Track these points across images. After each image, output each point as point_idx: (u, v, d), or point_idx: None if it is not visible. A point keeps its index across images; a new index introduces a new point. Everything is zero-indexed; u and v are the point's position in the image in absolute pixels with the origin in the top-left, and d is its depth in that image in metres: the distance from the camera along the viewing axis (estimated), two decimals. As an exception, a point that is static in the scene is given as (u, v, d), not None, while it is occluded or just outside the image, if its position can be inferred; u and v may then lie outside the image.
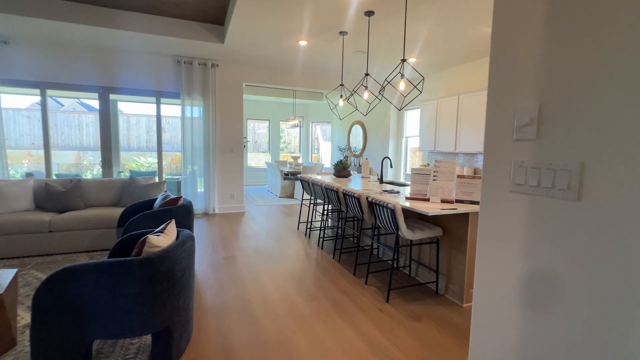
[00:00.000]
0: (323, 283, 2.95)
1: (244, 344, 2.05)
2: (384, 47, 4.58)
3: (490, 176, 1.12)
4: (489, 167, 1.13)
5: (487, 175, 1.13)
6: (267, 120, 10.71)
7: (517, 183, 1.03)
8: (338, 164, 4.86)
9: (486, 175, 1.13)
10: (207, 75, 5.54)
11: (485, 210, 1.14)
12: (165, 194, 3.27)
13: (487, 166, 1.13)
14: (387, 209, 2.59)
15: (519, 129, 1.01)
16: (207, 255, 3.62)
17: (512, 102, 1.04)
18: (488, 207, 1.13)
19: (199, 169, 5.78)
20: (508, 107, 1.05)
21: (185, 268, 1.83)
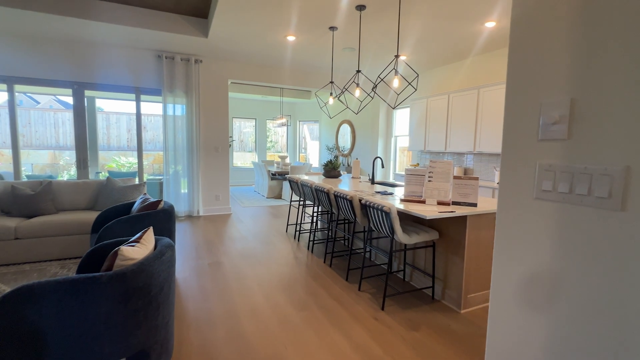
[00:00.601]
0: (314, 290, 2.81)
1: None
2: (374, 44, 4.47)
3: (510, 181, 1.00)
4: (507, 170, 1.00)
5: (505, 179, 1.01)
6: (253, 119, 10.48)
7: (542, 189, 0.90)
8: (328, 164, 4.72)
9: (505, 179, 1.01)
10: (191, 71, 5.30)
11: (503, 219, 1.02)
12: (145, 197, 3.05)
13: (506, 169, 1.01)
14: (382, 212, 2.46)
15: (546, 127, 0.89)
16: (190, 262, 3.42)
17: (537, 97, 0.92)
18: (507, 216, 1.01)
19: (183, 170, 5.53)
20: (531, 102, 0.93)
21: (164, 282, 1.65)
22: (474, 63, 5.06)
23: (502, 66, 4.61)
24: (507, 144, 1.01)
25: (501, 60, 4.62)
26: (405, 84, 6.36)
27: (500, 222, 1.03)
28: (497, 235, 1.04)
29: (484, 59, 4.88)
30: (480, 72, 4.96)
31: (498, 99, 4.36)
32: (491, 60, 4.77)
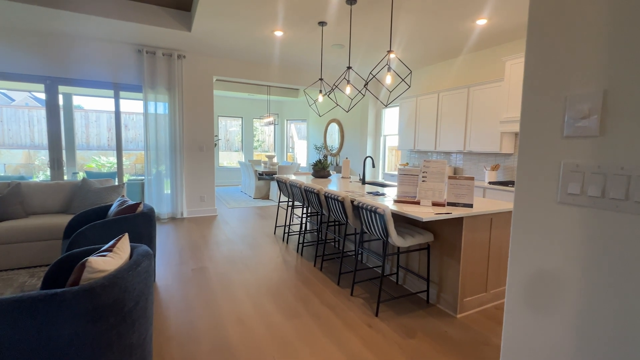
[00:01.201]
0: (305, 296, 2.67)
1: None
2: (364, 40, 4.36)
3: (528, 183, 0.89)
4: (525, 171, 0.90)
5: (522, 181, 0.90)
6: (239, 118, 10.25)
7: (568, 192, 0.80)
8: (317, 163, 4.59)
9: (522, 181, 0.91)
10: (173, 67, 5.07)
11: (520, 226, 0.91)
12: (122, 200, 2.85)
13: (523, 170, 0.90)
14: (375, 213, 2.35)
15: (572, 122, 0.79)
16: (172, 268, 3.23)
17: (561, 89, 0.81)
18: (525, 222, 0.90)
19: (166, 170, 5.29)
20: (555, 95, 0.83)
21: (140, 295, 1.48)
22: (464, 62, 5.03)
23: (493, 65, 4.59)
24: (525, 142, 0.90)
25: (491, 59, 4.60)
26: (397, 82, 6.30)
27: (516, 229, 0.93)
28: (514, 244, 0.94)
29: (474, 58, 4.85)
30: (470, 71, 4.93)
31: (488, 98, 4.33)
32: (481, 59, 4.74)
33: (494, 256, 2.55)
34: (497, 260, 2.58)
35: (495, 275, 2.58)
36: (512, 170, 4.38)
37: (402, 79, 2.50)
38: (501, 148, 4.22)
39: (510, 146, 4.29)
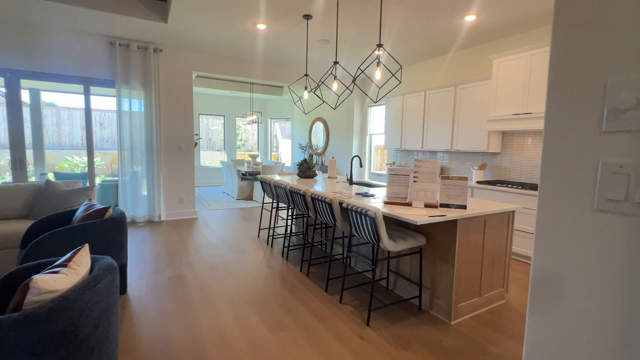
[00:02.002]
0: (291, 305, 2.51)
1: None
2: (351, 36, 4.22)
3: (555, 187, 0.76)
4: (551, 173, 0.77)
5: (548, 185, 0.77)
6: (222, 116, 9.93)
7: (609, 198, 0.67)
8: (302, 163, 4.42)
9: (547, 185, 0.77)
10: (149, 61, 4.78)
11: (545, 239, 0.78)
12: (89, 203, 2.59)
13: (549, 172, 0.77)
14: (366, 216, 2.21)
15: (615, 115, 0.66)
16: (147, 276, 2.99)
17: (600, 74, 0.68)
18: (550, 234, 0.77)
19: (142, 171, 4.99)
20: (591, 81, 0.70)
21: (100, 317, 1.28)
22: (451, 60, 4.98)
23: (480, 63, 4.55)
24: (551, 139, 0.77)
25: (479, 57, 4.56)
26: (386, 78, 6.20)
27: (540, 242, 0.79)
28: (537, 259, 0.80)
29: (461, 56, 4.80)
30: (457, 69, 4.88)
31: (475, 96, 4.28)
32: (469, 57, 4.70)
33: (487, 259, 2.46)
34: (490, 263, 2.49)
35: (488, 279, 2.50)
36: (499, 169, 4.35)
37: (392, 74, 2.37)
38: (489, 147, 4.18)
39: (497, 145, 4.26)
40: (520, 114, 3.68)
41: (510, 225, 2.57)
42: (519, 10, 3.38)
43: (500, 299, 2.61)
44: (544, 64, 3.46)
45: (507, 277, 2.63)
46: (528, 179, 4.03)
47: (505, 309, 2.51)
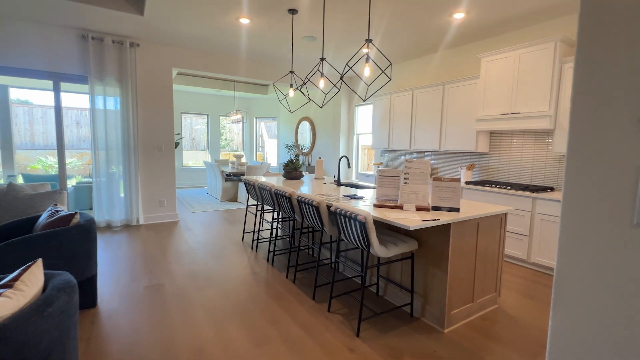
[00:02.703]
0: (276, 315, 2.36)
1: None
2: (337, 32, 4.10)
3: (582, 196, 0.65)
4: (578, 180, 0.65)
5: (573, 194, 0.66)
6: (205, 115, 9.65)
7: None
8: (288, 163, 4.27)
9: (572, 194, 0.66)
10: (125, 56, 4.52)
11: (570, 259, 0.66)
12: (54, 209, 2.37)
13: (575, 179, 0.66)
14: (355, 221, 2.08)
15: (661, 111, 0.55)
16: (121, 286, 2.77)
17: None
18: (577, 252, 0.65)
19: (118, 172, 4.72)
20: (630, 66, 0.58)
21: (50, 347, 1.10)
22: (439, 59, 4.92)
23: (468, 62, 4.51)
24: (577, 140, 0.65)
25: (467, 56, 4.51)
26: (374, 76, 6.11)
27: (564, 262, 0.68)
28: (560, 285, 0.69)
29: (449, 55, 4.75)
30: (445, 68, 4.83)
31: (463, 96, 4.23)
32: (457, 56, 4.65)
33: (480, 263, 2.38)
34: (483, 267, 2.41)
35: (481, 284, 2.42)
36: (487, 169, 4.32)
37: (382, 70, 2.25)
38: (477, 147, 4.14)
39: (485, 145, 4.22)
40: (508, 114, 3.65)
41: (503, 228, 2.50)
42: (507, 8, 3.33)
43: (493, 304, 2.54)
44: (532, 63, 3.43)
45: (499, 281, 2.56)
46: (516, 179, 4.01)
47: (499, 314, 2.44)
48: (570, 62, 3.21)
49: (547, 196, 3.20)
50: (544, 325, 2.29)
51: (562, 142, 3.31)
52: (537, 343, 2.08)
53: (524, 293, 2.80)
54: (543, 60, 3.36)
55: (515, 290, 2.86)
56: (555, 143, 3.37)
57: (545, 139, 3.72)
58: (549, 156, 3.68)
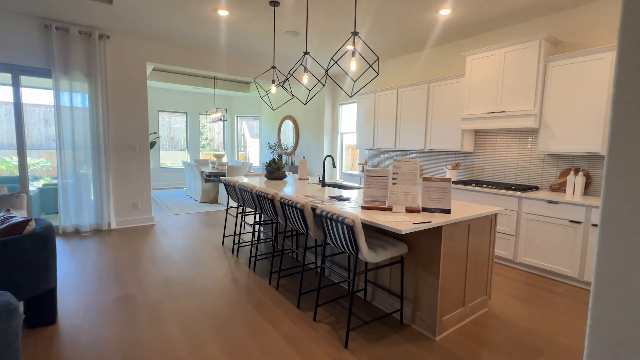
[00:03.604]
0: (259, 327, 2.19)
1: None
2: (321, 27, 3.95)
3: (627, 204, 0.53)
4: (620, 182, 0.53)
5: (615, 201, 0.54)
6: (184, 113, 9.30)
7: None
8: (271, 163, 4.09)
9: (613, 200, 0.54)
10: (94, 49, 4.21)
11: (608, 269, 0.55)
12: (6, 215, 2.11)
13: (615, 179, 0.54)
14: (343, 224, 1.95)
15: None
16: (86, 299, 2.53)
17: None
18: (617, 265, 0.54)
19: (88, 173, 4.41)
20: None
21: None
22: (424, 57, 4.87)
23: (454, 60, 4.47)
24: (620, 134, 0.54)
25: (452, 54, 4.47)
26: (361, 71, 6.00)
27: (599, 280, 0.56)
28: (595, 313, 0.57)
29: (434, 53, 4.70)
30: (430, 67, 4.78)
31: (449, 94, 4.18)
32: (442, 54, 4.60)
33: (471, 266, 2.30)
34: (474, 270, 2.33)
35: (472, 287, 2.34)
36: (472, 169, 4.29)
37: (369, 65, 2.13)
38: (462, 146, 4.10)
39: (470, 144, 4.19)
40: (494, 113, 3.61)
41: (493, 229, 2.44)
42: (493, 5, 3.29)
43: (483, 307, 2.46)
44: (517, 62, 3.41)
45: (490, 284, 2.49)
46: (501, 179, 3.99)
47: (490, 318, 2.37)
48: (554, 60, 3.20)
49: (533, 195, 3.18)
50: (535, 328, 2.23)
51: (547, 141, 3.30)
52: (530, 348, 2.01)
53: (513, 295, 2.75)
54: (528, 58, 3.33)
55: (504, 291, 2.81)
56: (540, 142, 3.36)
57: (530, 138, 3.71)
58: (534, 155, 3.68)
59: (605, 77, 2.89)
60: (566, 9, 3.34)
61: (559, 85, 3.19)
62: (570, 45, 3.35)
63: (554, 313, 2.45)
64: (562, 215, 2.99)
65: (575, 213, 2.91)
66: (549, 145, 3.29)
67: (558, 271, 3.04)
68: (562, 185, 3.43)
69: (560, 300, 2.66)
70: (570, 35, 3.34)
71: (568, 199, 2.96)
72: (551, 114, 3.26)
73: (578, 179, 3.21)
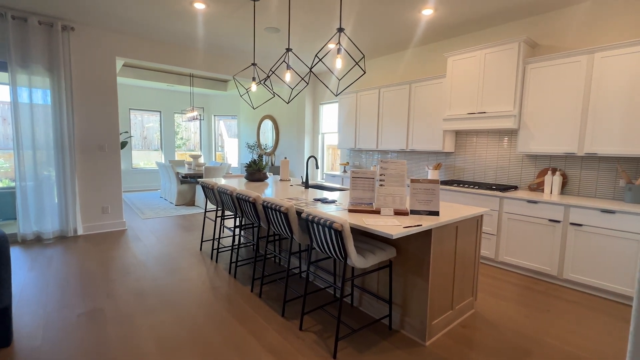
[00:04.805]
0: (241, 340, 2.06)
1: None
2: (301, 25, 3.85)
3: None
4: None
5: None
6: (157, 112, 8.90)
7: None
8: (251, 164, 3.94)
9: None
10: (56, 41, 3.89)
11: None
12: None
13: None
14: (331, 229, 1.86)
15: None
16: (48, 315, 2.29)
17: None
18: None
19: (51, 175, 4.07)
20: None
21: None
22: (406, 57, 4.87)
23: (435, 61, 4.49)
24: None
25: (434, 54, 4.49)
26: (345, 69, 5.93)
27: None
28: None
29: (417, 53, 4.71)
30: (413, 67, 4.79)
31: (430, 95, 4.20)
32: (425, 54, 4.61)
33: (459, 268, 2.27)
34: (461, 272, 2.31)
35: (459, 289, 2.31)
36: (453, 169, 4.33)
37: (356, 62, 2.05)
38: (444, 147, 4.12)
39: (451, 145, 4.22)
40: (475, 113, 3.65)
41: (479, 230, 2.42)
42: (474, 6, 3.30)
43: (470, 309, 2.45)
44: (497, 63, 3.45)
45: (476, 285, 2.48)
46: (481, 179, 4.04)
47: (477, 319, 2.35)
48: (533, 62, 3.26)
49: (514, 195, 3.23)
50: (521, 329, 2.24)
51: (526, 141, 3.36)
52: (519, 350, 2.00)
53: (497, 294, 2.77)
54: (507, 60, 3.38)
55: (489, 291, 2.82)
56: (519, 142, 3.41)
57: (505, 139, 3.78)
58: (513, 155, 3.75)
59: (581, 79, 2.97)
60: (542, 12, 3.41)
61: (537, 87, 3.25)
62: (547, 48, 3.43)
63: (538, 312, 2.48)
64: (542, 215, 3.05)
65: (554, 212, 2.97)
66: (528, 146, 3.35)
67: (538, 269, 3.09)
68: (540, 185, 3.50)
69: (541, 299, 2.70)
70: (547, 38, 3.42)
71: (547, 199, 3.02)
72: (530, 115, 3.32)
73: (555, 179, 3.28)
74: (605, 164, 3.09)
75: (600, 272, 2.74)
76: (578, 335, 2.18)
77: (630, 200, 2.82)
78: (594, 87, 2.90)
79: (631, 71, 2.70)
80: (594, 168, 3.16)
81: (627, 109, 2.73)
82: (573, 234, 2.87)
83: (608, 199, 3.04)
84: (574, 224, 2.86)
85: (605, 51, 2.83)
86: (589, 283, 2.80)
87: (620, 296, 2.68)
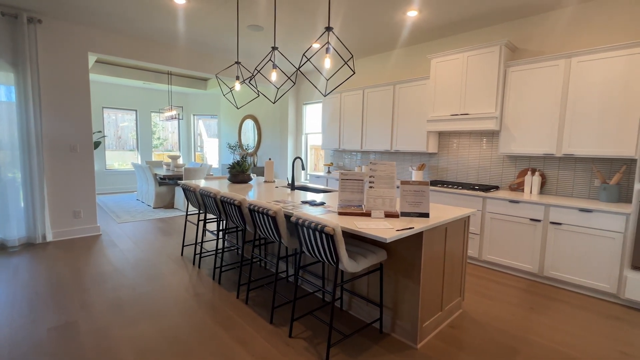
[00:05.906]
0: (227, 349, 1.97)
1: None
2: (286, 23, 3.78)
3: None
4: None
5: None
6: (133, 111, 8.54)
7: None
8: (235, 165, 3.83)
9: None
10: (21, 34, 3.63)
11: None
12: None
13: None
14: (322, 233, 1.81)
15: None
16: (14, 331, 2.11)
17: None
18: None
19: (16, 177, 3.79)
20: None
21: None
22: (390, 58, 4.89)
23: (420, 63, 4.53)
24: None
25: (418, 56, 4.53)
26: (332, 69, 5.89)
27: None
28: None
29: (401, 54, 4.73)
30: (397, 68, 4.81)
31: (414, 96, 4.23)
32: (409, 56, 4.65)
33: (448, 269, 2.28)
34: (450, 273, 2.32)
35: (448, 290, 2.32)
36: (436, 169, 4.39)
37: (345, 61, 2.01)
38: (427, 147, 4.17)
39: (435, 145, 4.28)
40: (458, 115, 3.70)
41: (466, 230, 2.45)
42: (457, 8, 3.35)
43: (458, 309, 2.47)
44: (480, 66, 3.51)
45: (464, 285, 2.50)
46: (463, 179, 4.12)
47: (465, 320, 2.37)
48: (513, 65, 3.34)
49: (496, 195, 3.30)
50: (508, 328, 2.27)
51: (507, 142, 3.44)
52: (507, 349, 2.02)
53: (482, 293, 2.81)
54: (489, 63, 3.45)
55: (474, 291, 2.86)
56: (500, 144, 3.49)
57: (484, 140, 3.86)
58: (494, 156, 3.83)
59: (559, 83, 3.06)
60: (523, 17, 3.50)
61: (518, 90, 3.34)
62: (526, 52, 3.53)
63: (522, 310, 2.53)
64: (523, 214, 3.13)
65: (535, 212, 3.06)
66: (509, 147, 3.43)
67: (520, 267, 3.17)
68: (520, 185, 3.60)
69: (524, 297, 2.76)
70: (526, 42, 3.52)
71: (527, 198, 3.10)
72: (511, 117, 3.41)
73: (535, 179, 3.38)
74: (581, 164, 3.21)
75: (578, 270, 2.84)
76: (561, 332, 2.24)
77: (605, 199, 2.93)
78: (571, 91, 3.00)
79: (605, 75, 2.82)
80: (570, 168, 3.28)
81: (601, 111, 2.85)
82: (553, 233, 2.96)
83: (584, 198, 3.16)
84: (554, 222, 2.95)
85: (581, 56, 2.93)
86: (569, 280, 2.90)
87: (598, 292, 2.78)
